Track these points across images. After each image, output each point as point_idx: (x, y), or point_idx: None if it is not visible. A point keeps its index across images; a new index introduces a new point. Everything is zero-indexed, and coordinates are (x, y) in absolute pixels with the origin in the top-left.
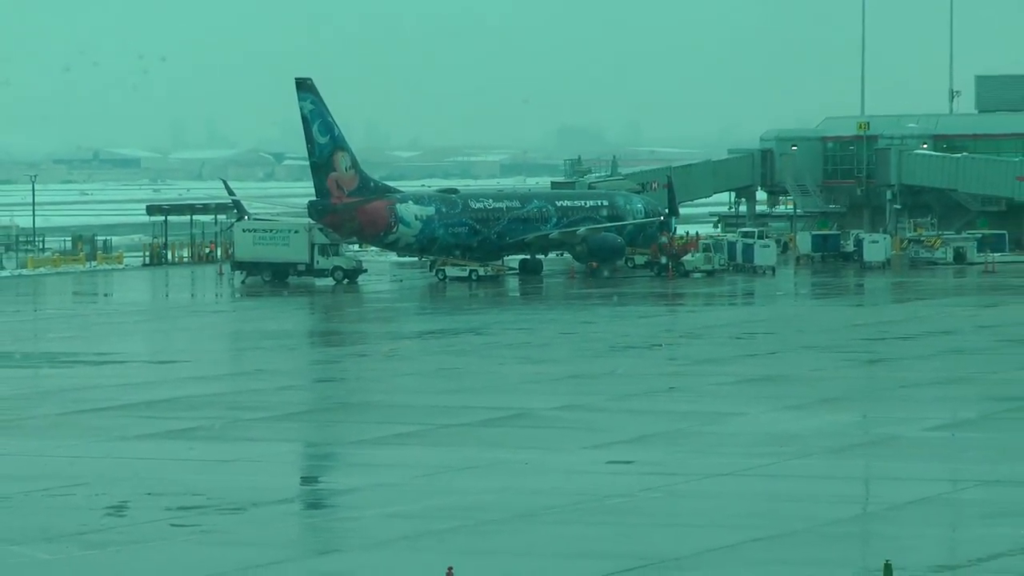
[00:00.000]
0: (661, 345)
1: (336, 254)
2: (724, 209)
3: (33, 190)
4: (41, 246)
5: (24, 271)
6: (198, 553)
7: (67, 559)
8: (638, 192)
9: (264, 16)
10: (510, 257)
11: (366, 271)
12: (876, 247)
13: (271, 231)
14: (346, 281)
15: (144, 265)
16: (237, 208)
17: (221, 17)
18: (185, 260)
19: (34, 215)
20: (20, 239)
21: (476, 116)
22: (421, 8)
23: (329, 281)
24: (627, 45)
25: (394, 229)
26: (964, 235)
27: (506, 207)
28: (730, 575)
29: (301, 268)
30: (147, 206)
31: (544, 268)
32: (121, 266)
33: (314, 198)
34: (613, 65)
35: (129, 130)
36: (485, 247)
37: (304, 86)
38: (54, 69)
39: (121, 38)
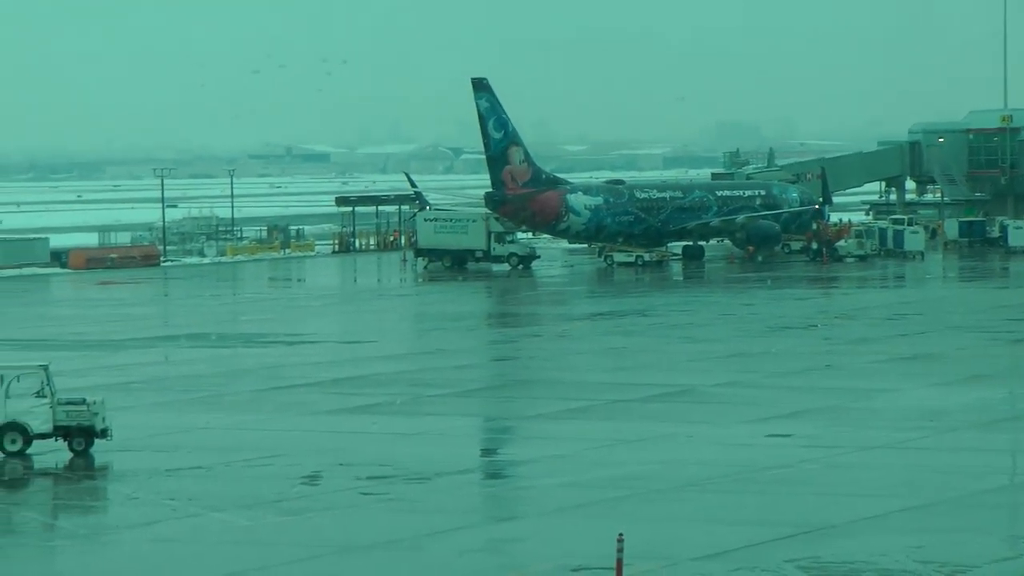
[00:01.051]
0: (817, 326)
1: (511, 241)
2: (875, 198)
3: (231, 183)
4: (239, 235)
5: (223, 258)
6: (386, 519)
7: (265, 525)
8: (793, 182)
9: (441, 20)
10: (673, 244)
11: (539, 257)
12: (1020, 233)
13: (451, 220)
14: (520, 267)
15: (333, 252)
16: (419, 199)
17: (400, 21)
18: (371, 248)
19: (232, 206)
20: (220, 229)
21: (640, 112)
22: (589, 11)
23: (505, 267)
24: (781, 45)
25: (565, 218)
26: None
27: (669, 197)
28: (882, 542)
29: (479, 255)
30: (336, 198)
31: (705, 254)
32: (312, 253)
33: (490, 189)
34: (768, 64)
35: (319, 127)
36: (649, 234)
37: (480, 86)
38: (244, 72)
39: (304, 43)
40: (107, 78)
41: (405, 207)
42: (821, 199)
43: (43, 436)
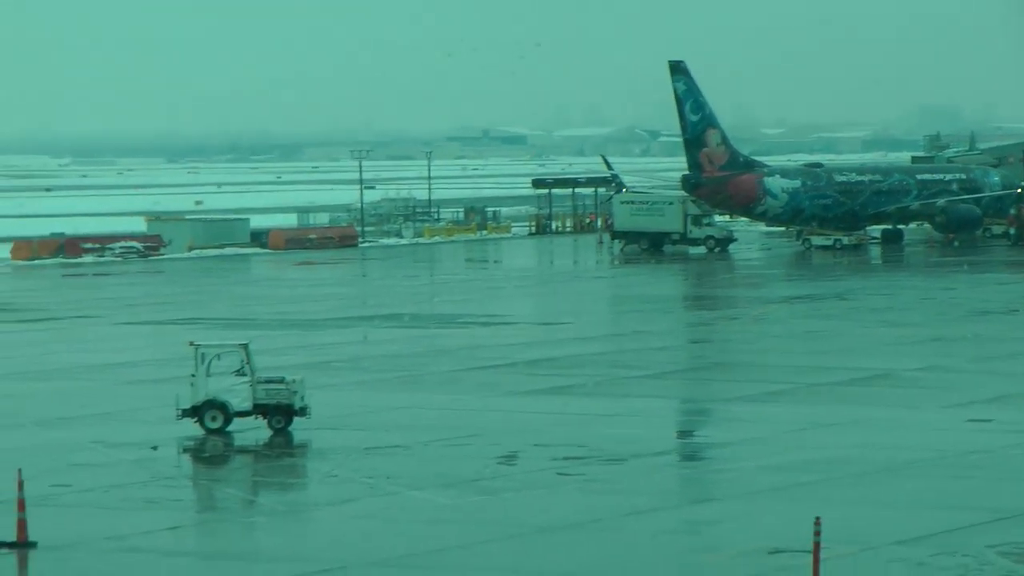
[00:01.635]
0: (1019, 311)
1: (708, 224)
2: None
3: (429, 166)
4: (436, 217)
5: (421, 239)
6: (582, 500)
7: (464, 504)
8: (995, 166)
9: (638, 1)
10: (871, 227)
11: (736, 240)
12: None
13: (647, 203)
14: (717, 249)
15: (530, 234)
16: (616, 182)
17: (596, 2)
18: (567, 230)
19: (430, 188)
20: (417, 210)
21: (840, 95)
22: None
23: (701, 249)
24: (983, 28)
25: (762, 201)
26: None
27: (868, 180)
28: None
29: (675, 237)
30: (533, 180)
31: (904, 238)
32: (509, 235)
33: (687, 172)
34: (971, 47)
35: (515, 110)
36: (847, 218)
37: (678, 68)
38: (438, 56)
39: (496, 26)
40: (307, 62)
41: (601, 189)
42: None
43: (243, 414)
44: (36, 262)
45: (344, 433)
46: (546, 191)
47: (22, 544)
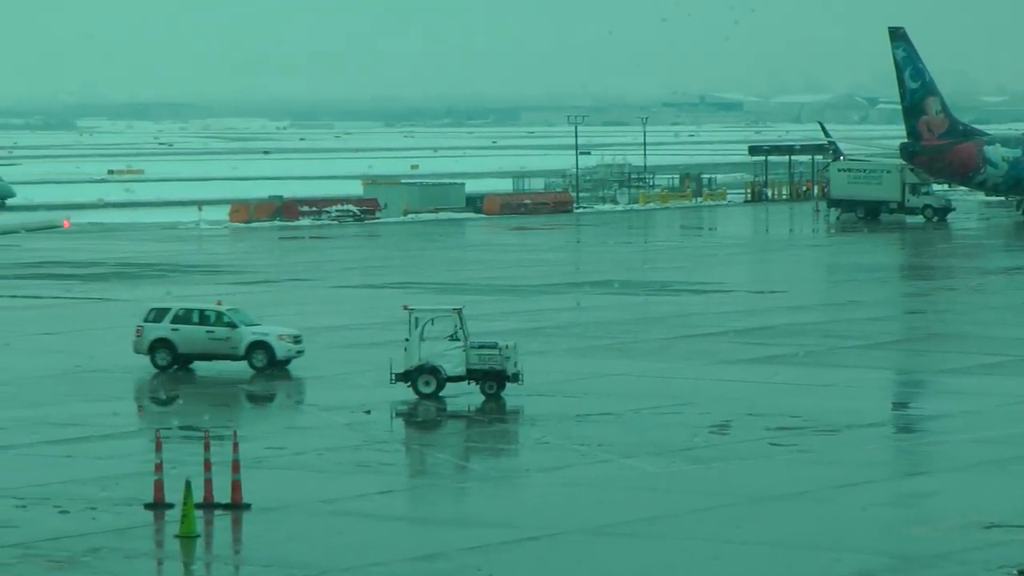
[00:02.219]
0: None
1: (926, 193)
2: None
3: (644, 131)
4: (651, 183)
5: (635, 206)
6: (795, 471)
7: (674, 473)
8: None
9: None
10: None
11: (954, 209)
12: None
13: (865, 171)
14: (935, 219)
15: (745, 202)
16: (833, 149)
17: None
18: (783, 198)
19: (645, 154)
20: (632, 176)
21: None
22: None
23: (919, 219)
24: None
25: (981, 170)
26: None
27: None
28: None
29: (892, 206)
30: (749, 147)
31: None
32: (724, 202)
33: (905, 140)
34: None
35: (731, 76)
36: None
37: (897, 35)
38: (653, 20)
39: None
40: (522, 24)
41: (818, 157)
42: None
43: (456, 379)
44: (253, 224)
45: (555, 400)
46: (762, 158)
47: (236, 505)
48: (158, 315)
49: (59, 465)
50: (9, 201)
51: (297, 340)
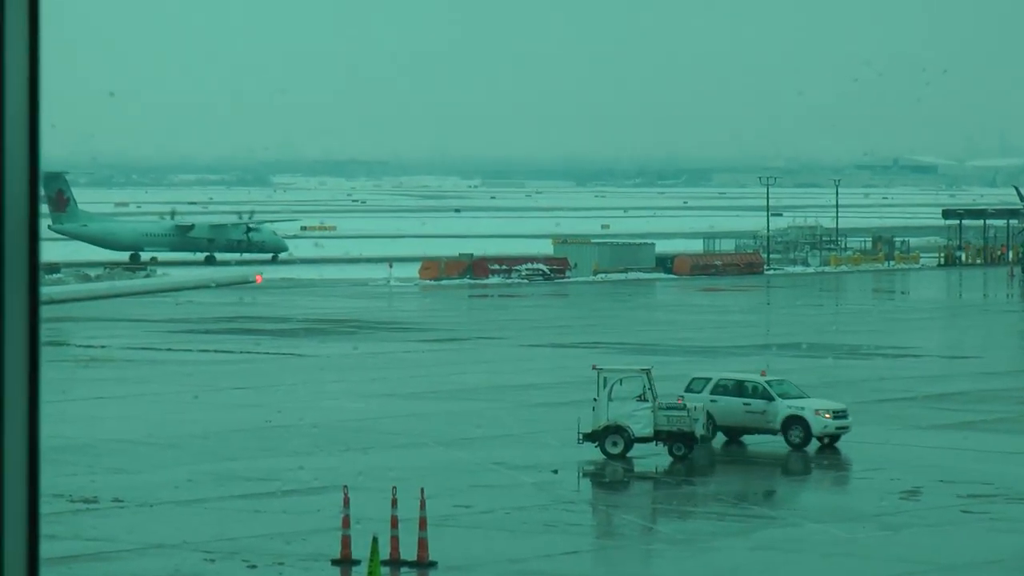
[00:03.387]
0: None
1: None
2: None
3: (836, 193)
4: (843, 245)
5: (827, 268)
6: (987, 539)
7: (864, 538)
8: None
9: None
10: None
11: None
12: None
13: None
14: None
15: (938, 266)
16: None
17: (1007, 31)
18: (977, 262)
19: (837, 216)
20: (824, 239)
21: None
22: None
23: None
24: None
25: None
26: None
27: None
28: None
29: None
30: (943, 210)
31: None
32: (917, 266)
33: None
34: None
35: (925, 138)
36: None
37: None
38: (844, 80)
39: (899, 52)
40: (715, 85)
41: (1013, 221)
42: None
43: (644, 440)
44: (443, 282)
45: (744, 462)
46: (956, 221)
47: (423, 564)
48: (697, 384)
49: (248, 519)
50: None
51: (840, 415)
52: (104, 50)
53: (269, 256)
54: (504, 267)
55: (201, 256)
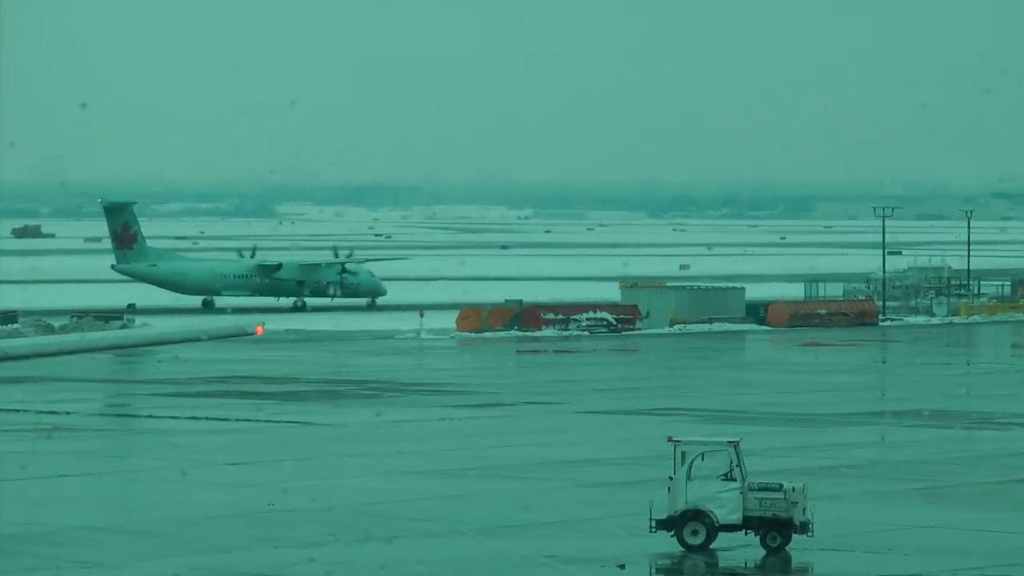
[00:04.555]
0: None
1: None
2: None
3: (968, 227)
4: (975, 291)
5: (955, 319)
6: None
7: None
8: None
9: None
10: None
11: None
12: None
13: None
14: None
15: None
16: None
17: None
18: None
19: (968, 255)
20: (952, 282)
21: None
22: None
23: None
24: None
25: None
26: None
27: None
28: None
29: None
30: None
31: None
32: None
33: None
34: None
35: None
36: None
37: None
38: (976, 92)
39: None
40: (818, 98)
41: None
42: None
43: (730, 527)
44: (486, 334)
45: (853, 556)
46: None
47: None
48: None
49: None
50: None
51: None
52: (74, 53)
53: (365, 302)
54: (560, 316)
55: (215, 299)
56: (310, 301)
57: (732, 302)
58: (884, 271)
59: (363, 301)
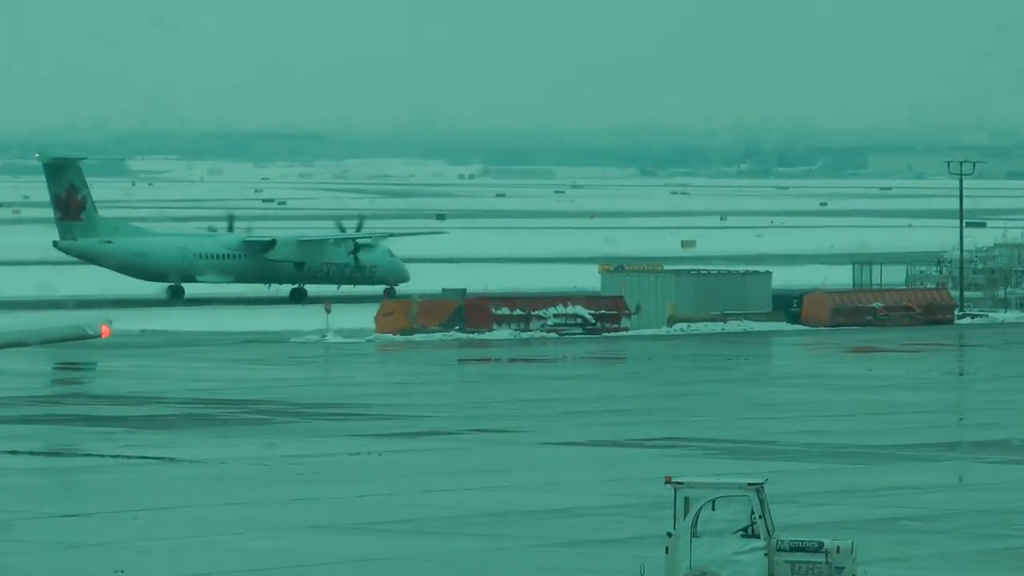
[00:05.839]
0: None
1: None
2: None
3: None
4: None
5: None
6: None
7: None
8: None
9: None
10: None
11: None
12: None
13: None
14: None
15: None
16: None
17: None
18: None
19: None
20: None
21: None
22: None
23: None
24: None
25: None
26: None
27: None
28: None
29: None
30: None
31: None
32: None
33: None
34: None
35: None
36: None
37: None
38: None
39: None
40: (863, 19)
41: None
42: None
43: None
44: (417, 336)
45: None
46: None
47: None
48: None
49: None
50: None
51: None
52: None
53: (382, 290)
54: (518, 312)
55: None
56: (312, 288)
57: (754, 292)
58: (962, 249)
59: (380, 289)
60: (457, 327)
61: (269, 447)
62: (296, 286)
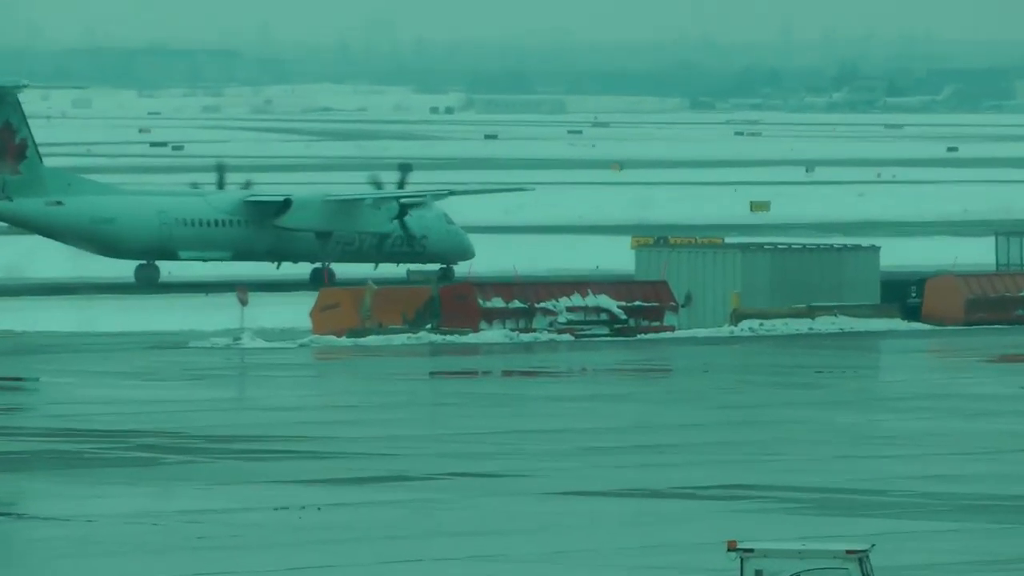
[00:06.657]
0: None
1: None
2: None
3: None
4: None
5: None
6: None
7: None
8: None
9: None
10: None
11: None
12: None
13: None
14: None
15: None
16: None
17: None
18: None
19: None
20: None
21: None
22: None
23: None
24: None
25: None
26: None
27: None
28: None
29: None
30: None
31: None
32: None
33: None
34: None
35: None
36: None
37: None
38: None
39: None
40: None
41: None
42: None
43: None
44: (371, 339)
45: None
46: None
47: None
48: None
49: None
50: None
51: None
52: None
53: (437, 268)
54: (517, 304)
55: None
56: (340, 268)
57: (855, 276)
58: None
59: (435, 267)
60: (429, 326)
61: (158, 498)
62: (318, 265)
